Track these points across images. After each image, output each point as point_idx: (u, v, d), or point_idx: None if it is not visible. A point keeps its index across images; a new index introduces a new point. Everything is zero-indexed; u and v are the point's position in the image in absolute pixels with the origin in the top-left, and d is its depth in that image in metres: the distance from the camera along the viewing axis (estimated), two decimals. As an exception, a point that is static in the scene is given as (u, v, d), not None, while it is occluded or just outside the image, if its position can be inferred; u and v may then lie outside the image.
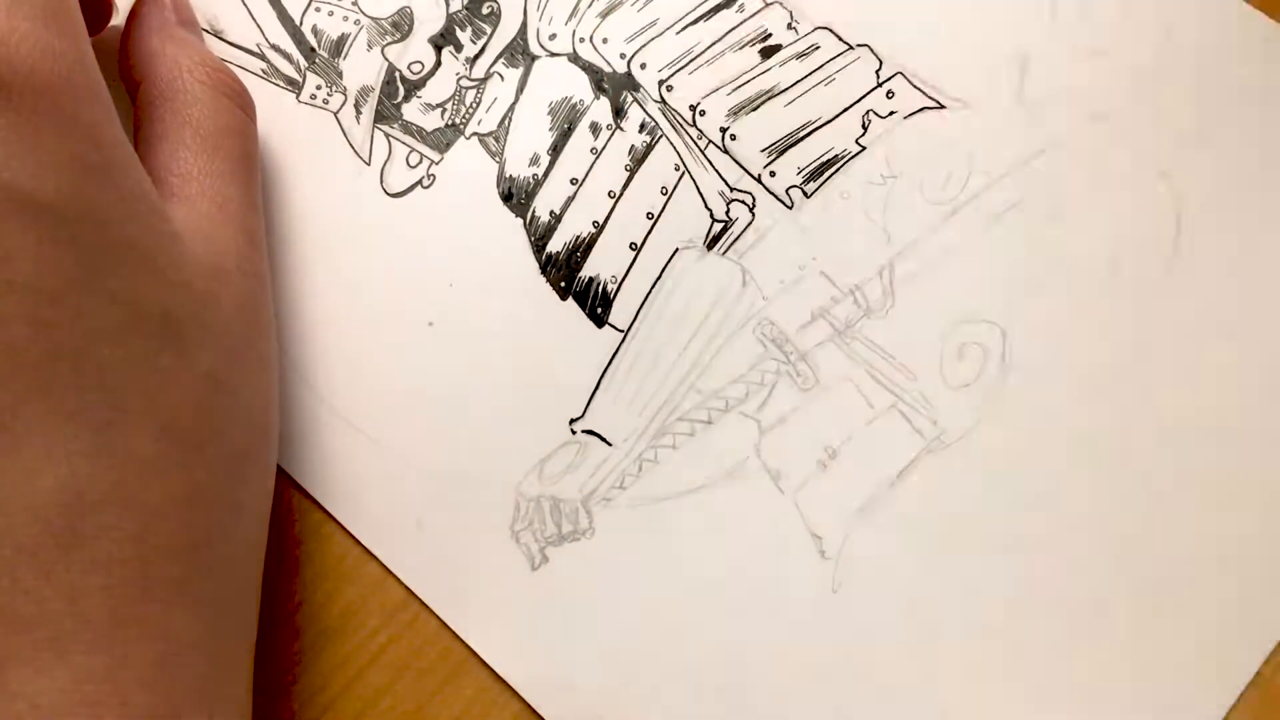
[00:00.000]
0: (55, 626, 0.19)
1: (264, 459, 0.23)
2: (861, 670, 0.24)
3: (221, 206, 0.23)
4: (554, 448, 0.26)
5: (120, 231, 0.20)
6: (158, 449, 0.20)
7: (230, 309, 0.22)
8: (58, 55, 0.20)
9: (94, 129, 0.20)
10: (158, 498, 0.20)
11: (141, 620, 0.19)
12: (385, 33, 0.29)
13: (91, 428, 0.19)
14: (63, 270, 0.19)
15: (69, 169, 0.19)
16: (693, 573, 0.25)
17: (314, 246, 0.27)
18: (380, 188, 0.28)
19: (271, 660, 0.25)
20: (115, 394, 0.19)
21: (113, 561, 0.19)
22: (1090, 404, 0.26)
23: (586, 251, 0.27)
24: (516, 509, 0.26)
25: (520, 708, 0.24)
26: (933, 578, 0.25)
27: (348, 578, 0.25)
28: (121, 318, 0.20)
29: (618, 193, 0.28)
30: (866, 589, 0.25)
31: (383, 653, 0.25)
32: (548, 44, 0.29)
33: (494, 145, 0.28)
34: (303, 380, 0.26)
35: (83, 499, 0.19)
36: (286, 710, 0.24)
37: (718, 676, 0.24)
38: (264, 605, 0.24)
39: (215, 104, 0.24)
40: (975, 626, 0.25)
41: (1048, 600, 0.25)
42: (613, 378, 0.26)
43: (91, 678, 0.19)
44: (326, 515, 0.26)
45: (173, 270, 0.21)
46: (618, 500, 0.26)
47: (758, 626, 0.25)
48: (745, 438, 0.26)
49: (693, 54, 0.29)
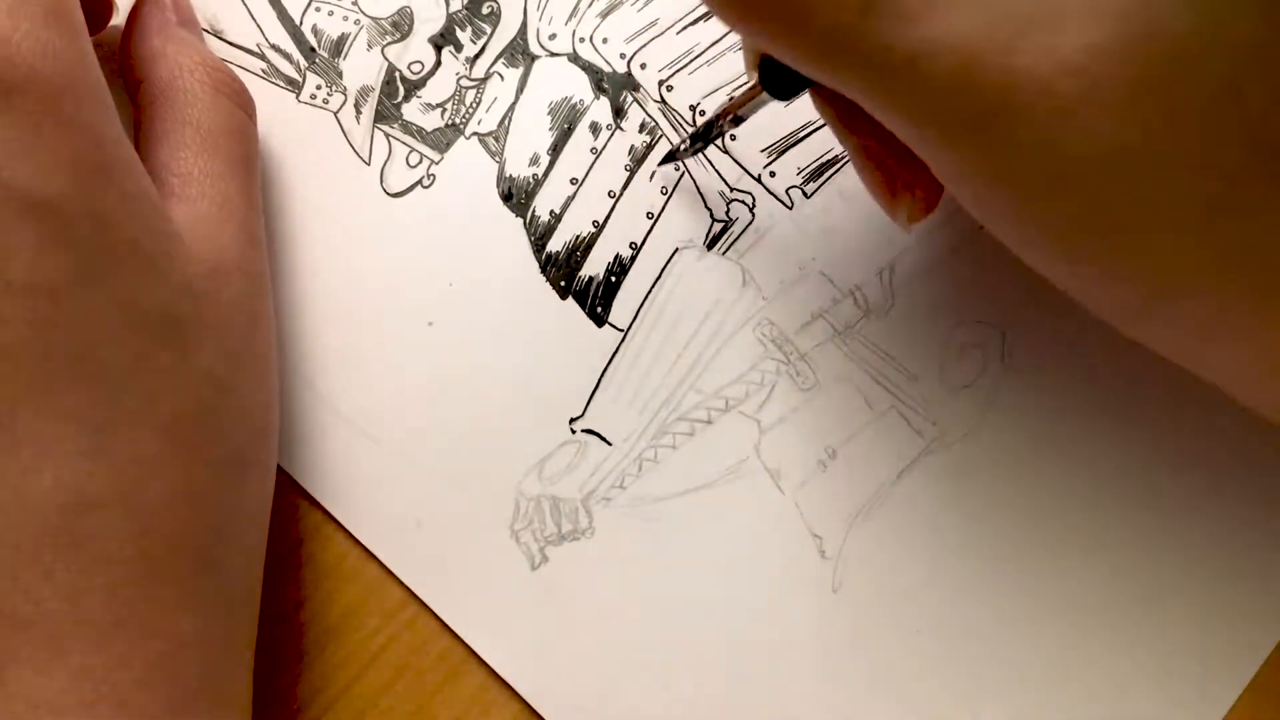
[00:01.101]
0: (54, 626, 0.19)
1: (264, 459, 0.23)
2: (861, 669, 0.24)
3: (221, 206, 0.23)
4: (554, 447, 0.26)
5: (120, 231, 0.20)
6: (157, 448, 0.20)
7: (230, 308, 0.22)
8: (59, 55, 0.20)
9: (95, 129, 0.20)
10: (157, 497, 0.20)
11: (141, 620, 0.19)
12: (385, 33, 0.29)
13: (91, 427, 0.19)
14: (62, 270, 0.19)
15: (69, 169, 0.19)
16: (692, 572, 0.25)
17: (314, 246, 0.27)
18: (380, 187, 0.28)
19: (272, 660, 0.25)
20: (115, 393, 0.20)
21: (112, 561, 0.19)
22: (1089, 405, 0.26)
23: (586, 251, 0.27)
24: (516, 508, 0.26)
25: (520, 707, 0.24)
26: (932, 578, 0.25)
27: (348, 578, 0.25)
28: (121, 317, 0.20)
29: (618, 192, 0.28)
30: (866, 589, 0.25)
31: (383, 652, 0.25)
32: (548, 44, 0.29)
33: (494, 145, 0.28)
34: (303, 380, 0.26)
35: (82, 499, 0.19)
36: (287, 710, 0.24)
37: (717, 675, 0.24)
38: (264, 605, 0.24)
39: (215, 104, 0.24)
40: (975, 627, 0.25)
41: (1047, 601, 0.25)
42: (613, 377, 0.26)
43: (90, 677, 0.19)
44: (327, 515, 0.26)
45: (173, 270, 0.21)
46: (618, 500, 0.26)
47: (757, 626, 0.25)
48: (745, 438, 0.26)
49: (693, 54, 0.29)
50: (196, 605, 0.20)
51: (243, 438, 0.22)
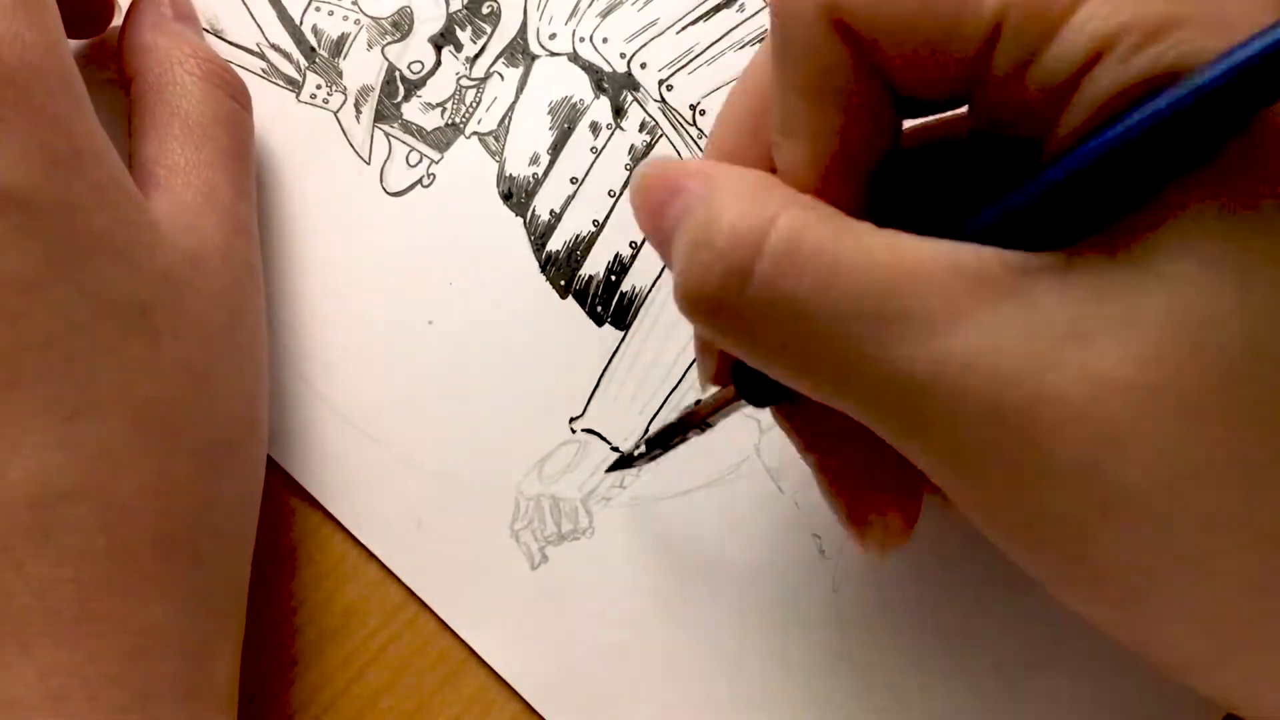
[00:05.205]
0: (21, 621, 0.18)
1: (247, 450, 0.23)
2: (860, 668, 0.24)
3: (208, 197, 0.23)
4: (554, 447, 0.26)
5: (90, 221, 0.20)
6: (129, 439, 0.20)
7: (209, 298, 0.22)
8: (27, 45, 0.20)
9: (64, 119, 0.20)
10: (129, 489, 0.20)
11: (112, 614, 0.19)
12: (385, 32, 0.29)
13: (59, 418, 0.19)
14: (30, 260, 0.19)
15: (37, 159, 0.19)
16: (692, 572, 0.25)
17: (314, 245, 0.27)
18: (380, 187, 0.28)
19: (272, 660, 0.25)
20: (84, 384, 0.19)
21: (82, 554, 0.19)
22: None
23: (587, 250, 0.27)
24: (516, 508, 0.25)
25: (519, 707, 0.24)
26: (932, 577, 0.25)
27: (348, 577, 0.25)
28: (91, 308, 0.20)
29: (618, 192, 0.28)
30: (866, 588, 0.25)
31: (383, 652, 0.25)
32: (548, 43, 0.29)
33: (494, 144, 0.28)
34: (302, 379, 0.26)
35: (51, 491, 0.19)
36: (286, 709, 0.24)
37: (717, 675, 0.24)
38: (264, 605, 0.24)
39: (205, 95, 0.24)
40: (975, 625, 0.24)
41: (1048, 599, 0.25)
42: (613, 377, 0.26)
43: (58, 671, 0.19)
44: (326, 515, 0.26)
45: (146, 260, 0.21)
46: (617, 499, 0.26)
47: (757, 625, 0.25)
48: (745, 437, 0.26)
49: (693, 53, 0.29)
50: (172, 598, 0.20)
51: (223, 428, 0.22)
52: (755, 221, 0.16)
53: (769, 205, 0.16)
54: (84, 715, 0.19)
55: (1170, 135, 0.14)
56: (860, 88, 0.17)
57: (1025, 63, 0.15)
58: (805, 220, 0.16)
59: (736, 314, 0.16)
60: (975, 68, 0.16)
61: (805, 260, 0.16)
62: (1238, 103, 0.14)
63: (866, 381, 0.16)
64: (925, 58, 0.16)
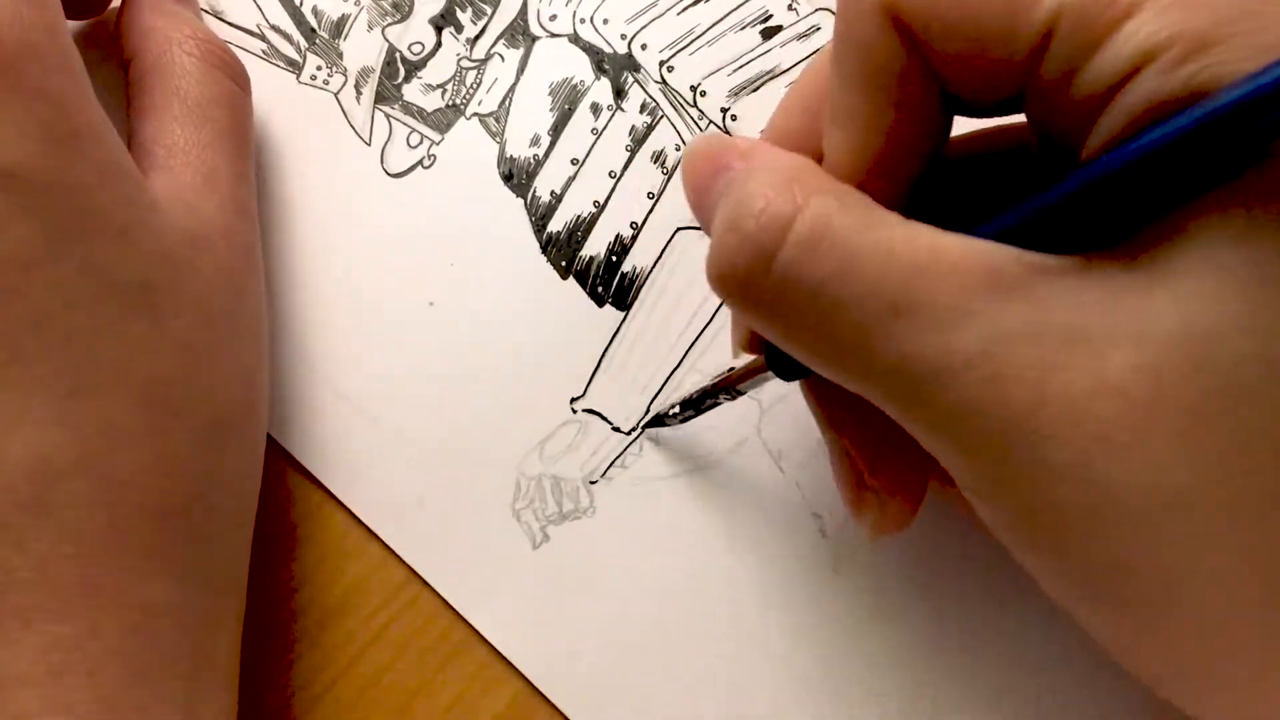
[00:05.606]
0: (22, 596, 0.18)
1: (247, 428, 0.23)
2: (861, 649, 0.24)
3: (207, 177, 0.23)
4: (555, 427, 0.26)
5: (89, 200, 0.20)
6: (129, 416, 0.20)
7: (210, 277, 0.22)
8: (25, 24, 0.20)
9: (64, 99, 0.20)
10: (129, 465, 0.20)
11: (113, 589, 0.19)
12: (385, 14, 0.29)
13: (59, 395, 0.19)
14: (29, 239, 0.19)
15: (35, 138, 0.19)
16: (693, 552, 0.25)
17: (314, 227, 0.27)
18: (381, 168, 0.28)
19: (274, 639, 0.25)
20: (84, 361, 0.19)
21: (82, 530, 0.19)
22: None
23: (587, 231, 0.27)
24: (518, 487, 0.26)
25: (521, 685, 0.24)
26: (933, 557, 0.25)
27: (349, 557, 0.25)
28: (91, 286, 0.20)
29: (619, 173, 0.28)
30: (866, 569, 0.25)
31: (384, 631, 0.25)
32: (548, 25, 0.29)
33: (495, 126, 0.28)
34: (304, 360, 0.26)
35: (50, 467, 0.19)
36: (289, 688, 0.24)
37: (718, 654, 0.24)
38: (265, 584, 0.24)
39: (204, 75, 0.24)
40: (976, 609, 0.25)
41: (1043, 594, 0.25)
42: (613, 357, 0.26)
43: (59, 647, 0.19)
44: (328, 495, 0.26)
45: (147, 239, 0.21)
46: (619, 479, 0.26)
47: (758, 605, 0.25)
48: (746, 418, 0.26)
49: (694, 35, 0.29)
50: (172, 574, 0.20)
51: (223, 405, 0.22)
52: (785, 207, 0.17)
53: (801, 191, 0.17)
54: (85, 690, 0.19)
55: (1183, 155, 0.14)
56: (912, 84, 0.17)
57: (1072, 70, 0.15)
58: (832, 208, 0.17)
59: (760, 295, 0.17)
60: (1025, 72, 0.16)
61: (828, 248, 0.16)
62: (1252, 128, 0.14)
63: (879, 369, 0.16)
64: (977, 58, 0.16)
